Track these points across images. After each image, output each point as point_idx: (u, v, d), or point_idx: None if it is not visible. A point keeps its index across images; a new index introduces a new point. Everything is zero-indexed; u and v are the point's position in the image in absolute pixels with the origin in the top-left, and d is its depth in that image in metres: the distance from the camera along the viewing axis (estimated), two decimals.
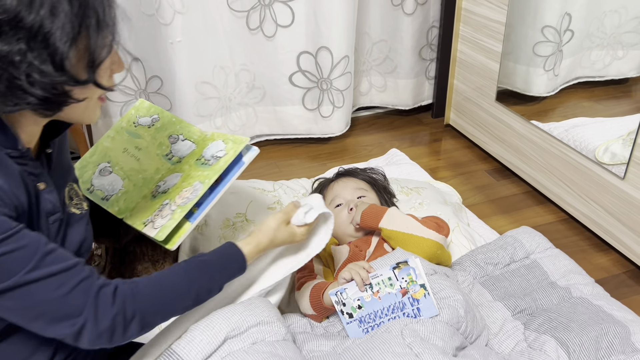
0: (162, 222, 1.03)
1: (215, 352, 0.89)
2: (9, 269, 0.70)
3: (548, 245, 1.33)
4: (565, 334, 1.05)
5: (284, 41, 1.95)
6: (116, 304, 0.77)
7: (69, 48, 0.70)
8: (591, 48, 1.90)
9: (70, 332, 0.74)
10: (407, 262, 1.02)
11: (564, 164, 1.70)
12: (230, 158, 1.08)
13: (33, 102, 0.71)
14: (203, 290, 0.88)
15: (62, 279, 0.73)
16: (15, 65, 0.67)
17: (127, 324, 0.78)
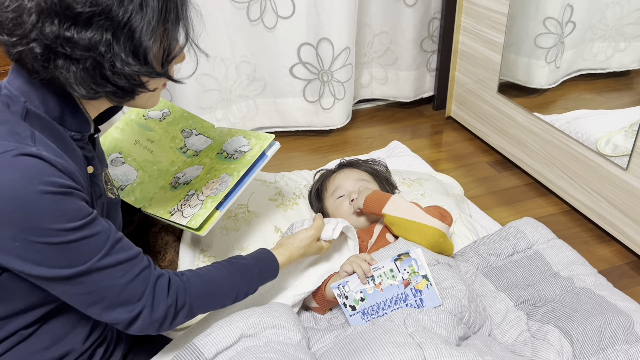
0: (192, 211, 1.07)
1: (230, 347, 0.91)
2: (84, 254, 0.73)
3: (551, 236, 1.32)
4: (569, 324, 1.04)
5: (285, 32, 1.93)
6: (170, 294, 0.82)
7: (151, 41, 0.74)
8: (593, 40, 1.89)
9: (126, 318, 0.78)
10: (408, 253, 1.01)
11: (567, 155, 1.70)
12: (257, 153, 1.14)
13: (112, 90, 0.75)
14: (242, 291, 0.94)
15: (127, 267, 0.77)
16: (101, 54, 0.71)
17: (177, 314, 0.83)
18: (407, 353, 0.90)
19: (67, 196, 0.71)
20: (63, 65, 0.71)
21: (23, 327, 0.81)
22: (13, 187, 0.67)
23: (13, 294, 0.77)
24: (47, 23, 0.68)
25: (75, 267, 0.73)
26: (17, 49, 0.70)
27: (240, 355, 0.88)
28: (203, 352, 0.89)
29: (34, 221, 0.69)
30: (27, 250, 0.70)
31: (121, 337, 0.97)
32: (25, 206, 0.68)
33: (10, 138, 0.70)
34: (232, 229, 1.32)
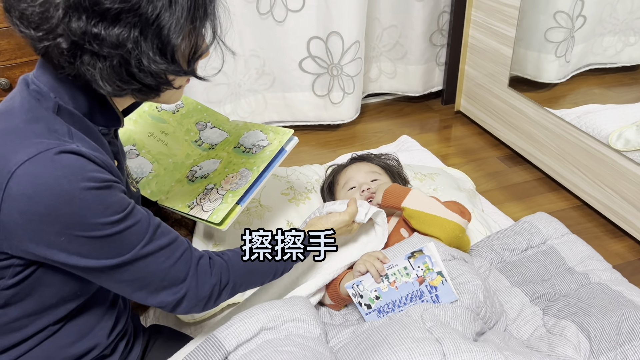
0: (213, 205, 1.07)
1: (251, 340, 0.91)
2: (128, 243, 0.74)
3: (565, 231, 1.32)
4: (586, 319, 1.04)
5: (295, 26, 1.92)
6: (214, 274, 0.83)
7: (179, 39, 0.73)
8: (603, 34, 1.88)
9: (172, 299, 0.80)
10: (422, 250, 1.00)
11: (578, 150, 1.69)
12: (277, 148, 1.14)
13: (137, 88, 0.75)
14: (279, 269, 0.95)
15: (169, 251, 0.79)
16: (129, 51, 0.70)
17: (221, 292, 0.85)
18: (425, 348, 0.90)
19: (109, 190, 0.72)
20: (89, 62, 0.70)
21: (52, 323, 0.81)
22: (58, 185, 0.68)
23: (46, 289, 0.77)
24: (74, 18, 0.67)
25: (121, 257, 0.74)
26: (44, 43, 0.69)
27: (261, 348, 0.88)
28: (224, 343, 0.89)
29: (80, 217, 0.70)
30: (72, 244, 0.71)
31: (139, 331, 0.97)
32: (71, 203, 0.68)
33: (49, 135, 0.70)
34: (245, 223, 1.31)
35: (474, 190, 1.62)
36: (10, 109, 0.74)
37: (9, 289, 0.76)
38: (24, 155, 0.67)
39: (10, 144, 0.69)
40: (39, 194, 0.67)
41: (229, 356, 0.89)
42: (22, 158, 0.67)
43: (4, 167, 0.67)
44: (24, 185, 0.67)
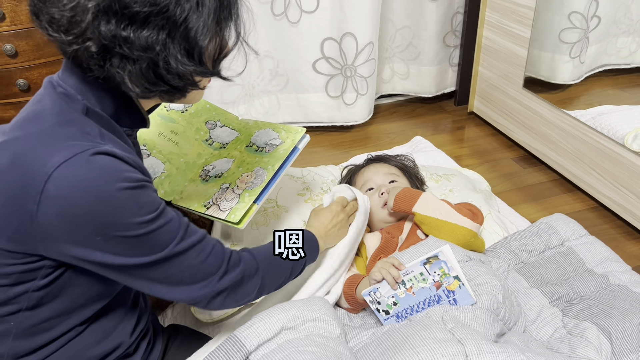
0: (229, 204, 1.07)
1: (271, 340, 0.92)
2: (162, 241, 0.75)
3: (583, 233, 1.31)
4: (607, 321, 1.03)
5: (309, 27, 1.93)
6: (241, 268, 0.85)
7: (206, 41, 0.73)
8: (617, 35, 1.87)
9: (205, 294, 0.81)
10: (437, 256, 1.00)
11: (594, 151, 1.68)
12: (290, 147, 1.14)
13: (165, 90, 0.75)
14: (295, 270, 0.97)
15: (200, 247, 0.80)
16: (157, 53, 0.71)
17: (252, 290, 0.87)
18: (448, 349, 0.89)
19: (143, 189, 0.73)
20: (119, 64, 0.71)
21: (79, 324, 0.82)
22: (95, 186, 0.68)
23: (75, 290, 0.78)
24: (103, 22, 0.68)
25: (156, 254, 0.75)
26: (73, 47, 0.70)
27: (282, 348, 0.88)
28: (245, 343, 0.89)
29: (116, 217, 0.70)
30: (108, 244, 0.72)
31: (158, 331, 0.98)
32: (107, 203, 0.69)
33: (82, 137, 0.71)
34: (262, 223, 1.32)
35: (490, 191, 1.61)
36: (41, 111, 0.74)
37: (40, 290, 0.76)
38: (60, 157, 0.68)
39: (45, 147, 0.69)
40: (76, 196, 0.68)
41: (250, 356, 0.89)
42: (58, 160, 0.68)
43: (41, 170, 0.68)
44: (61, 187, 0.67)
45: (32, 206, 0.68)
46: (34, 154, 0.69)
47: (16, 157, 0.70)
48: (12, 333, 0.78)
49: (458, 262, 1.08)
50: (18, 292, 0.75)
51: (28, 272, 0.74)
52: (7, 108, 1.55)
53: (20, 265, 0.73)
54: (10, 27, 1.44)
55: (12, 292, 0.75)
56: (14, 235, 0.71)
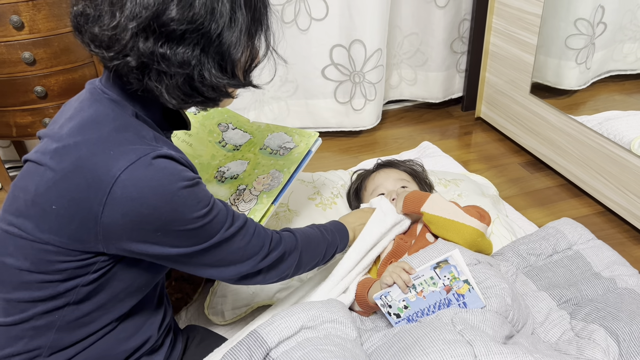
0: (248, 205, 1.12)
1: (291, 337, 0.94)
2: (214, 229, 0.82)
3: (590, 237, 1.33)
4: (615, 324, 1.05)
5: (318, 34, 1.96)
6: (282, 247, 0.93)
7: (239, 55, 0.77)
8: (624, 41, 1.89)
9: (248, 270, 0.88)
10: (447, 260, 1.02)
11: (602, 156, 1.70)
12: (304, 150, 1.18)
13: (200, 100, 0.80)
14: (328, 254, 1.05)
15: (245, 230, 0.87)
16: (192, 68, 0.74)
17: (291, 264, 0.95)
18: (457, 350, 0.91)
19: (198, 186, 0.79)
20: (157, 79, 0.75)
21: (115, 319, 0.85)
22: (160, 186, 0.73)
23: (118, 284, 0.83)
24: (142, 39, 0.71)
25: (208, 242, 0.81)
26: (114, 62, 0.74)
27: (302, 345, 0.90)
28: (266, 340, 0.91)
29: (178, 213, 0.76)
30: (167, 238, 0.77)
31: (178, 331, 1.01)
32: (171, 201, 0.74)
33: (140, 141, 0.75)
34: (274, 226, 1.34)
35: (498, 196, 1.63)
36: (96, 117, 0.78)
37: (89, 285, 0.80)
38: (125, 161, 0.72)
39: (108, 152, 0.73)
40: (144, 196, 0.73)
41: (271, 352, 0.91)
42: (124, 164, 0.72)
43: (107, 173, 0.72)
44: (128, 189, 0.72)
45: (97, 207, 0.73)
46: (98, 158, 0.73)
47: (80, 161, 0.74)
48: (55, 326, 0.81)
49: (467, 266, 1.10)
50: (68, 287, 0.79)
51: (82, 268, 0.79)
52: (25, 114, 1.59)
53: (75, 262, 0.78)
54: (29, 36, 1.48)
55: (62, 287, 0.79)
56: (75, 234, 0.75)
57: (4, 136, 1.65)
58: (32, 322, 0.81)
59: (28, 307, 0.80)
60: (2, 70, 1.51)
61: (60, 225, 0.75)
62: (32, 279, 0.79)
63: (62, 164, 0.75)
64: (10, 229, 0.79)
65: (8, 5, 1.44)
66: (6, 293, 0.81)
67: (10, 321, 0.81)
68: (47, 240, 0.76)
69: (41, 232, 0.76)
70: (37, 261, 0.78)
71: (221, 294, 1.26)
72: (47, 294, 0.79)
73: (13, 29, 1.46)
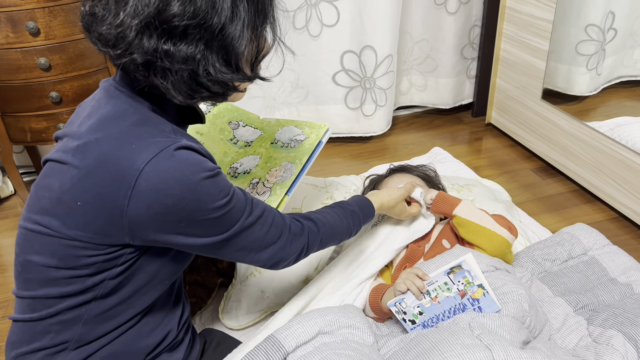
0: (262, 198, 1.12)
1: (308, 342, 0.95)
2: (235, 218, 0.82)
3: (605, 242, 1.32)
4: (633, 329, 1.04)
5: (329, 40, 1.97)
6: (304, 235, 0.94)
7: (243, 48, 0.76)
8: (634, 47, 1.88)
9: (270, 259, 0.90)
10: (460, 265, 1.02)
11: (614, 161, 1.69)
12: (315, 141, 1.18)
13: (207, 95, 0.80)
14: (352, 232, 1.06)
15: (264, 219, 0.87)
16: (197, 63, 0.75)
17: (307, 251, 0.96)
18: (476, 354, 0.91)
19: (219, 176, 0.79)
20: (162, 75, 0.75)
21: (137, 314, 0.86)
22: (184, 177, 0.74)
23: (143, 276, 0.83)
24: (146, 37, 0.72)
25: (229, 231, 0.82)
26: (121, 60, 0.75)
27: (319, 350, 0.90)
28: (284, 344, 0.91)
29: (202, 203, 0.76)
30: (191, 228, 0.78)
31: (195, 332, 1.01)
32: (195, 191, 0.75)
33: (160, 134, 0.77)
34: None
35: (511, 201, 1.63)
36: (115, 112, 0.79)
37: (116, 278, 0.81)
38: (148, 154, 0.73)
39: (130, 146, 0.74)
40: (168, 187, 0.74)
41: (288, 356, 0.91)
42: (147, 157, 0.73)
43: (132, 166, 0.73)
44: (153, 181, 0.73)
45: (123, 200, 0.74)
46: (121, 152, 0.74)
47: (103, 156, 0.75)
48: (82, 320, 0.82)
49: (484, 272, 1.10)
50: (96, 281, 0.80)
51: (109, 261, 0.80)
52: (40, 120, 1.60)
53: (103, 255, 0.79)
54: (45, 42, 1.50)
55: (90, 282, 0.80)
56: (102, 228, 0.76)
57: (19, 141, 1.66)
58: (59, 317, 0.82)
59: (55, 302, 0.81)
60: (18, 76, 1.52)
61: (87, 220, 0.76)
62: (59, 275, 0.80)
63: (85, 161, 0.75)
64: (36, 227, 0.79)
65: (25, 11, 1.45)
66: (33, 290, 0.82)
67: (37, 317, 0.82)
68: (74, 237, 0.77)
69: (68, 228, 0.77)
70: (65, 257, 0.79)
71: (235, 299, 1.26)
72: (76, 289, 0.80)
73: (29, 35, 1.48)
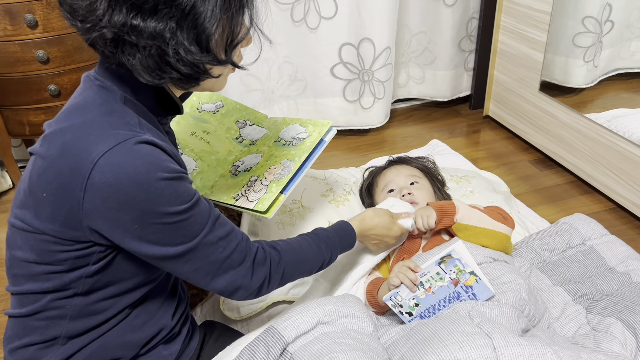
0: (257, 195, 1.10)
1: (308, 332, 0.95)
2: (192, 231, 0.78)
3: (604, 232, 1.33)
4: (632, 317, 1.05)
5: (327, 33, 1.96)
6: (266, 265, 0.88)
7: (214, 29, 0.74)
8: (631, 39, 1.89)
9: (229, 287, 0.84)
10: (450, 255, 1.02)
11: (612, 152, 1.70)
12: (317, 139, 1.16)
13: (175, 77, 0.77)
14: (325, 262, 1.00)
15: (226, 241, 0.82)
16: (165, 42, 0.73)
17: (271, 284, 0.89)
18: (476, 342, 0.92)
19: (180, 180, 0.76)
20: (130, 52, 0.73)
21: (127, 307, 0.86)
22: (138, 173, 0.72)
23: (124, 275, 0.82)
24: (116, 11, 0.71)
25: (185, 244, 0.78)
26: (91, 34, 0.73)
27: (319, 339, 0.91)
28: (283, 335, 0.92)
29: (155, 205, 0.73)
30: (144, 232, 0.75)
31: (195, 323, 1.01)
32: (148, 191, 0.72)
33: (123, 127, 0.74)
34: (288, 223, 1.35)
35: (509, 192, 1.63)
36: (84, 103, 0.78)
37: (93, 276, 0.80)
38: (105, 146, 0.71)
39: (90, 136, 0.73)
40: (120, 182, 0.71)
41: (288, 347, 0.92)
42: (103, 149, 0.71)
43: (87, 158, 0.71)
44: (106, 174, 0.71)
45: (79, 193, 0.72)
46: (80, 143, 0.73)
47: (64, 146, 0.73)
48: (67, 315, 0.82)
49: (482, 264, 1.11)
50: (73, 278, 0.80)
51: (81, 258, 0.78)
52: (38, 113, 1.60)
53: (73, 252, 0.78)
54: (43, 34, 1.49)
55: (68, 278, 0.80)
56: (66, 221, 0.75)
57: (17, 135, 1.66)
58: (45, 313, 0.82)
59: (39, 298, 0.81)
60: (17, 69, 1.52)
61: (53, 212, 0.75)
62: (39, 271, 0.80)
63: (49, 151, 0.75)
64: (16, 222, 0.79)
65: (22, 4, 1.45)
66: (19, 286, 0.82)
67: (25, 312, 0.83)
68: (44, 230, 0.76)
69: (39, 221, 0.76)
70: (41, 252, 0.78)
71: None
72: (56, 285, 0.80)
73: (27, 27, 1.48)
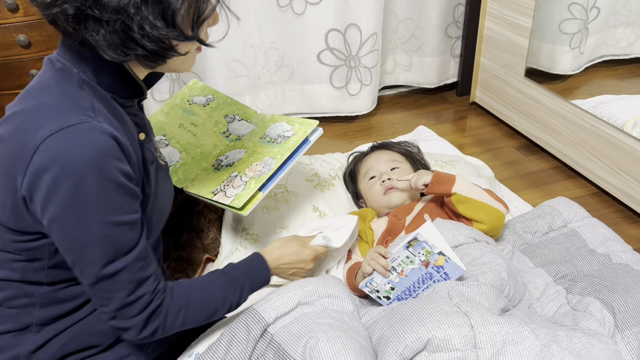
0: (235, 191, 1.10)
1: (289, 313, 0.95)
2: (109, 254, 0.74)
3: (585, 215, 1.35)
4: (610, 296, 1.07)
5: (313, 18, 1.96)
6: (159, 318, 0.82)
7: (180, 3, 0.73)
8: (616, 26, 1.90)
9: (120, 327, 0.80)
10: (416, 238, 1.03)
11: (595, 137, 1.71)
12: (301, 138, 1.17)
13: (141, 54, 0.75)
14: (234, 304, 0.93)
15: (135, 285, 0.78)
16: (130, 16, 0.70)
17: (166, 332, 0.84)
18: (454, 320, 0.93)
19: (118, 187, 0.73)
20: (93, 27, 0.71)
21: None
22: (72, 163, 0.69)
23: None
24: None
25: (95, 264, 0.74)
26: (52, 10, 0.70)
27: (299, 320, 0.91)
28: (264, 316, 0.92)
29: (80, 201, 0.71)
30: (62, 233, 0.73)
31: None
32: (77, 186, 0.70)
33: (74, 110, 0.72)
34: (273, 208, 1.35)
35: (493, 177, 1.65)
36: (39, 86, 0.76)
37: (55, 269, 0.79)
38: (47, 130, 0.70)
39: (38, 119, 0.71)
40: (54, 168, 0.69)
41: (269, 327, 0.92)
42: (45, 133, 0.70)
43: (30, 142, 0.70)
44: (44, 159, 0.69)
45: (20, 177, 0.71)
46: (27, 126, 0.71)
47: (15, 130, 0.72)
48: (37, 303, 0.82)
49: (463, 245, 1.12)
50: (35, 267, 0.79)
51: (33, 251, 0.77)
52: None
53: (24, 243, 0.76)
54: (24, 18, 1.47)
55: (32, 268, 0.79)
56: (13, 208, 0.74)
57: None
58: (15, 301, 0.81)
59: (7, 285, 0.81)
60: None
61: (4, 199, 0.74)
62: (5, 259, 0.79)
63: (4, 135, 0.74)
64: None
65: None
66: None
67: None
68: (0, 218, 0.75)
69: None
70: (3, 241, 0.77)
71: None
72: (21, 274, 0.79)
73: (8, 11, 1.46)
